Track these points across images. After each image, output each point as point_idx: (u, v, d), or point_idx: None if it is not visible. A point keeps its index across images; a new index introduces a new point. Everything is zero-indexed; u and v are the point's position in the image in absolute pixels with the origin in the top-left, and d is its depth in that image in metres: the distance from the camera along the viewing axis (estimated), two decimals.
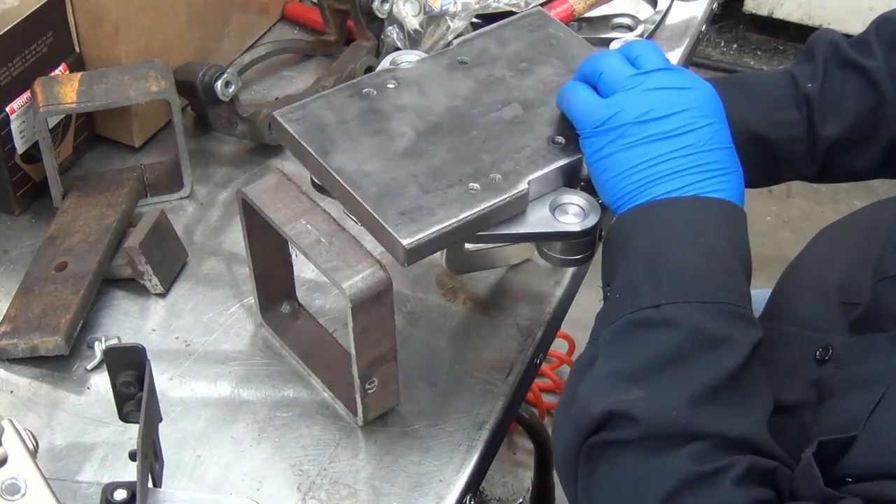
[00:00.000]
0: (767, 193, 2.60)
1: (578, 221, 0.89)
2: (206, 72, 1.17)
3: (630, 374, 0.77)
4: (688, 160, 0.83)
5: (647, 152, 0.84)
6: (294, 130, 0.92)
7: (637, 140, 0.84)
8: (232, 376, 0.99)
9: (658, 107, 0.84)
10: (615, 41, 1.32)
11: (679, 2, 1.45)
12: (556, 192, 0.90)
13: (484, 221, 0.87)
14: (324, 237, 0.87)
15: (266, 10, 1.40)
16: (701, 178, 0.83)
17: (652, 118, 0.84)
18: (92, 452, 0.92)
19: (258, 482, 0.91)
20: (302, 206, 0.89)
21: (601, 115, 0.85)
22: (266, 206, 0.89)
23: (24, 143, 1.12)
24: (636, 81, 0.86)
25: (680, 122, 0.84)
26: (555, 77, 0.98)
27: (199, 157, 1.21)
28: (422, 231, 0.84)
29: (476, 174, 0.89)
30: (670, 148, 0.83)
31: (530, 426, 1.97)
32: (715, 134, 0.85)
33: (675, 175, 0.83)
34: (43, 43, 1.11)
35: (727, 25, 3.26)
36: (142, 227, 1.05)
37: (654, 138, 0.84)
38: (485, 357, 1.01)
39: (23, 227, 1.14)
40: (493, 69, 0.99)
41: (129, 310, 1.05)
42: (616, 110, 0.85)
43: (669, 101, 0.85)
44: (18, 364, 0.99)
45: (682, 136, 0.84)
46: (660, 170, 0.83)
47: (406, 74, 0.97)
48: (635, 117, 0.84)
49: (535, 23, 1.04)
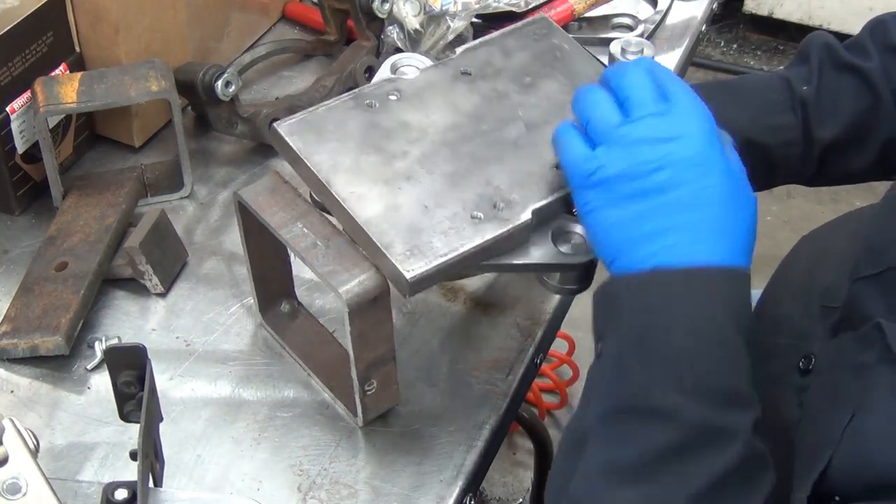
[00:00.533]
0: (767, 193, 2.58)
1: (580, 253, 0.87)
2: (206, 72, 1.17)
3: (623, 469, 0.73)
4: (675, 219, 0.77)
5: (632, 209, 0.78)
6: (295, 145, 0.89)
7: (621, 196, 0.79)
8: (232, 376, 0.99)
9: (643, 161, 0.78)
10: (615, 41, 1.32)
11: (679, 2, 1.45)
12: (556, 220, 0.89)
13: (487, 253, 0.85)
14: (320, 241, 0.86)
15: (266, 10, 1.40)
16: (691, 238, 0.77)
17: (636, 173, 0.78)
18: (92, 452, 0.92)
19: (258, 482, 0.91)
20: (298, 209, 0.89)
21: (586, 168, 0.80)
22: (262, 209, 0.89)
23: (24, 143, 1.12)
24: (622, 133, 0.80)
25: (665, 177, 0.78)
26: (559, 95, 0.96)
27: (199, 157, 1.21)
28: (425, 264, 0.82)
29: (479, 201, 0.87)
30: (655, 205, 0.78)
31: (530, 426, 1.97)
32: (707, 188, 0.78)
33: (662, 234, 0.77)
34: (43, 43, 1.11)
35: (727, 25, 3.26)
36: (142, 227, 1.05)
37: (638, 195, 0.78)
38: (485, 357, 1.01)
39: (23, 227, 1.14)
40: (496, 82, 0.96)
41: (130, 310, 1.05)
42: (599, 164, 0.80)
43: (655, 155, 0.78)
44: (19, 364, 0.99)
45: (668, 193, 0.77)
46: (645, 229, 0.78)
47: (408, 86, 0.95)
48: (619, 172, 0.79)
49: (539, 31, 1.02)
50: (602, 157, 0.80)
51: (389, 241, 0.83)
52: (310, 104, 1.25)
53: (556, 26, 1.03)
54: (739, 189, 0.80)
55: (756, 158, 1.01)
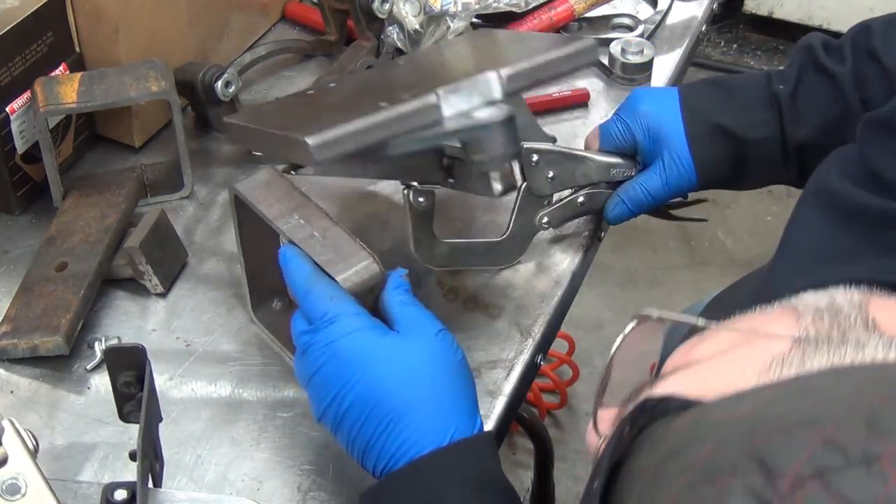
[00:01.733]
0: (767, 193, 2.60)
1: (497, 117, 0.88)
2: (206, 72, 1.17)
3: None
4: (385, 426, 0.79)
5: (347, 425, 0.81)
6: (237, 119, 0.95)
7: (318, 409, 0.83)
8: (232, 376, 0.99)
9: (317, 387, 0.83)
10: (615, 41, 1.33)
11: (679, 2, 1.45)
12: (472, 109, 0.88)
13: (395, 126, 0.85)
14: (317, 231, 0.87)
15: (266, 10, 1.40)
16: (413, 435, 0.79)
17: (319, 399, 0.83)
18: (92, 452, 0.92)
19: (258, 482, 0.91)
20: (294, 201, 0.89)
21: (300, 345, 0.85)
22: (258, 201, 0.90)
23: (24, 144, 1.12)
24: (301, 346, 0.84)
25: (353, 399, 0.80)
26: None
27: (199, 157, 1.21)
28: (327, 133, 0.82)
29: (389, 100, 0.87)
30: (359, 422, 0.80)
31: (530, 426, 1.97)
32: (365, 391, 0.80)
33: (386, 441, 0.79)
34: (43, 43, 1.11)
35: (727, 25, 3.26)
36: (142, 227, 1.05)
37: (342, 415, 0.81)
38: (485, 357, 1.01)
39: (23, 227, 1.14)
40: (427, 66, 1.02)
41: (130, 310, 1.05)
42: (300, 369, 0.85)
43: (326, 382, 0.82)
44: (18, 364, 0.99)
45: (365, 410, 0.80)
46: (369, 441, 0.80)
47: (348, 77, 0.99)
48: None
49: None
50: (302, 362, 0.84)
51: (295, 129, 0.85)
52: None
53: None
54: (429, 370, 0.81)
55: (736, 152, 1.04)
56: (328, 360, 0.81)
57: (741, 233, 2.58)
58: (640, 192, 1.06)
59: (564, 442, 2.20)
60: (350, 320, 0.82)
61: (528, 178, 1.02)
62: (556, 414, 2.25)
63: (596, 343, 2.38)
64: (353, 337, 0.81)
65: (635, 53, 1.31)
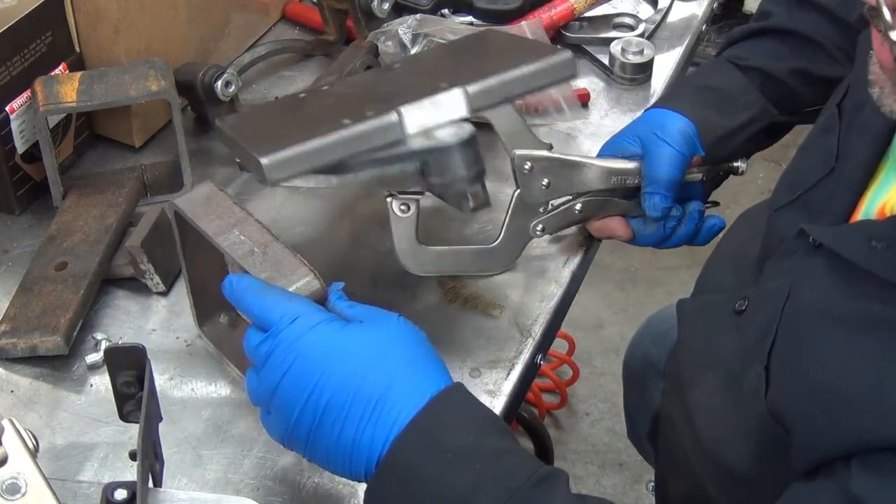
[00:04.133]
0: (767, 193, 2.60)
1: (452, 134, 0.87)
2: (206, 72, 1.17)
3: None
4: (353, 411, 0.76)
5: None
6: (225, 125, 0.94)
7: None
8: (232, 376, 0.99)
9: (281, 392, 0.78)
10: (615, 41, 1.33)
11: (679, 1, 1.45)
12: (438, 126, 0.88)
13: (355, 145, 0.84)
14: (257, 247, 0.85)
15: (266, 10, 1.40)
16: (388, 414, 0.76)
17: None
18: (92, 452, 0.92)
19: (258, 482, 0.91)
20: (234, 216, 0.88)
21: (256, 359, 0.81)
22: (198, 217, 0.88)
23: (24, 143, 1.12)
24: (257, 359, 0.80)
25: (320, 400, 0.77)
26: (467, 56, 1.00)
27: (199, 157, 1.21)
28: (282, 151, 0.82)
29: (353, 116, 0.86)
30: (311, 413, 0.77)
31: (530, 426, 1.97)
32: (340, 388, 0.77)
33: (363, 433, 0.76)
34: (42, 42, 1.11)
35: (727, 25, 3.26)
36: (143, 227, 1.05)
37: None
38: (485, 357, 1.00)
39: (23, 227, 1.14)
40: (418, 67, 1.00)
41: (130, 309, 1.05)
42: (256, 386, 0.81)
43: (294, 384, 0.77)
44: (18, 364, 0.99)
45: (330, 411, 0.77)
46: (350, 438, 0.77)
47: (341, 81, 0.98)
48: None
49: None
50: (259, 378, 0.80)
51: (256, 143, 0.85)
52: None
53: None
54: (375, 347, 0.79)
55: (725, 97, 1.12)
56: (296, 358, 0.77)
57: None
58: (659, 171, 1.05)
59: (564, 442, 2.20)
60: (312, 316, 0.79)
61: (521, 186, 1.01)
62: (556, 414, 2.25)
63: (596, 343, 2.37)
64: (318, 329, 0.78)
65: (635, 53, 1.31)
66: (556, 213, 1.05)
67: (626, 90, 1.32)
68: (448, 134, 0.87)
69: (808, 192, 0.93)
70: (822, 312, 0.80)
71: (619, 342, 2.37)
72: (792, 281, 0.86)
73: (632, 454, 2.16)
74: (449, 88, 0.88)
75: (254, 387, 0.81)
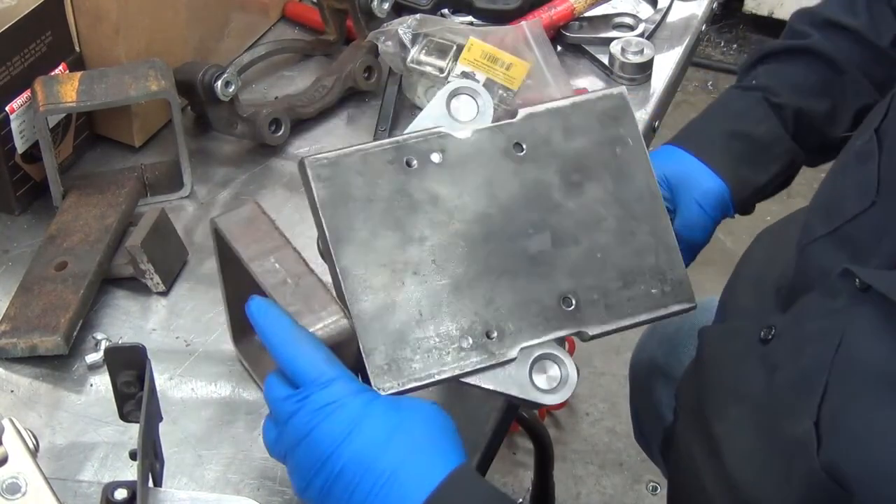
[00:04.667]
0: None
1: (551, 390, 0.85)
2: (206, 72, 1.17)
3: None
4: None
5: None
6: (318, 194, 0.83)
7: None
8: (232, 376, 0.99)
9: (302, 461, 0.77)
10: (615, 41, 1.33)
11: (679, 1, 1.45)
12: (540, 347, 0.86)
13: (463, 377, 0.84)
14: (290, 278, 0.83)
15: (266, 10, 1.40)
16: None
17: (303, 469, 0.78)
18: (92, 452, 0.92)
19: (258, 482, 0.91)
20: (273, 242, 0.86)
21: (284, 411, 0.79)
22: (236, 238, 0.86)
23: (24, 143, 1.12)
24: (290, 409, 0.78)
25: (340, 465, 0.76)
26: (600, 207, 0.89)
27: (199, 156, 1.21)
28: (398, 385, 0.81)
29: (473, 324, 0.83)
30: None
31: (530, 426, 1.97)
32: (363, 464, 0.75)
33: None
34: (42, 42, 1.11)
35: (727, 25, 3.26)
36: (143, 226, 1.05)
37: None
38: None
39: (23, 227, 1.14)
40: (545, 171, 0.89)
41: (130, 309, 1.05)
42: (277, 447, 0.80)
43: (313, 453, 0.77)
44: (18, 363, 0.99)
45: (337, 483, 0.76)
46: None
47: (455, 149, 0.87)
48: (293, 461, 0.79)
49: (610, 113, 0.92)
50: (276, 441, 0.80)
51: (372, 348, 0.81)
52: (309, 104, 1.26)
53: (630, 109, 0.93)
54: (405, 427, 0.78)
55: (752, 145, 1.09)
56: (319, 423, 0.76)
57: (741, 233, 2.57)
58: (691, 235, 1.06)
59: (564, 442, 2.20)
60: (344, 384, 0.77)
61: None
62: (556, 414, 2.25)
63: (596, 343, 2.36)
64: (347, 399, 0.76)
65: (635, 53, 1.31)
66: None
67: (626, 90, 1.31)
68: (550, 398, 0.85)
69: (847, 224, 0.88)
70: (879, 374, 0.75)
71: (619, 342, 2.37)
72: (842, 328, 0.80)
73: (632, 454, 2.16)
74: (572, 327, 0.87)
75: (272, 440, 0.80)
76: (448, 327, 0.83)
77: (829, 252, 0.89)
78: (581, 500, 2.12)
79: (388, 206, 0.84)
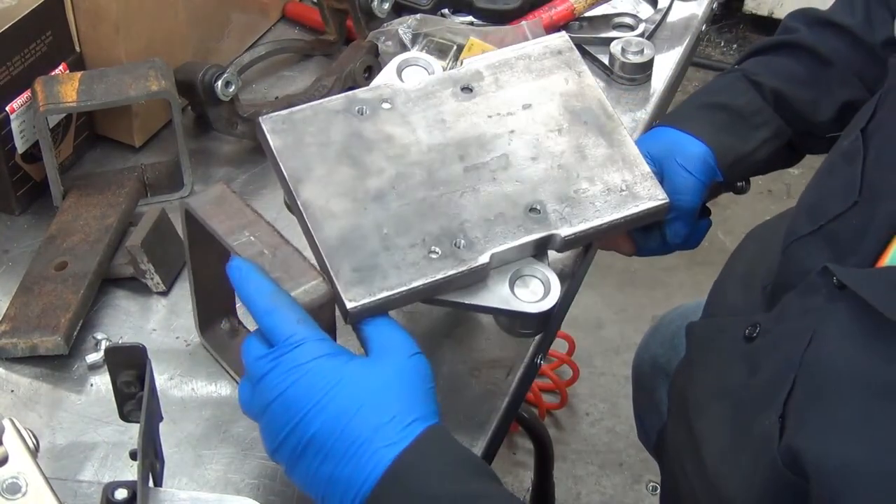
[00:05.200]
0: (767, 194, 2.60)
1: (535, 301, 0.85)
2: (206, 72, 1.17)
3: None
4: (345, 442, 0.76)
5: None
6: (274, 144, 0.88)
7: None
8: (232, 376, 0.99)
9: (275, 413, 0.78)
10: (615, 41, 1.33)
11: (679, 1, 1.45)
12: (519, 263, 0.87)
13: (438, 289, 0.84)
14: (267, 249, 0.85)
15: (266, 10, 1.40)
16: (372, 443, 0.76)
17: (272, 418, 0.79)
18: (92, 452, 0.92)
19: (258, 482, 0.91)
20: (245, 218, 0.87)
21: (255, 373, 0.80)
22: (209, 217, 0.87)
23: (24, 143, 1.12)
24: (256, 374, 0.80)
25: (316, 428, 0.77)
26: (554, 128, 0.92)
27: (199, 156, 1.21)
28: (369, 296, 0.81)
29: (440, 235, 0.85)
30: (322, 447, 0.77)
31: (530, 426, 1.97)
32: (333, 417, 0.76)
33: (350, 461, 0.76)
34: (42, 42, 1.11)
35: (727, 25, 3.26)
36: (143, 226, 1.05)
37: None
38: (485, 357, 1.01)
39: (23, 227, 1.14)
40: (495, 104, 0.93)
41: (130, 309, 1.05)
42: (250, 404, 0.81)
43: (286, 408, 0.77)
44: (19, 363, 0.99)
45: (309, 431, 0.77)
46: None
47: (404, 96, 0.91)
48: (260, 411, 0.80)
49: (555, 52, 0.97)
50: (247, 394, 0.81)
51: (339, 265, 0.82)
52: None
53: (574, 48, 0.98)
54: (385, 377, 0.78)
55: (735, 117, 1.10)
56: (292, 385, 0.77)
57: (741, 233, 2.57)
58: (682, 199, 1.05)
59: (564, 442, 2.20)
60: (317, 345, 0.78)
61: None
62: (556, 414, 2.25)
63: (596, 343, 2.38)
64: (319, 362, 0.77)
65: (635, 53, 1.31)
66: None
67: (626, 90, 1.32)
68: (534, 306, 0.85)
69: (831, 223, 0.89)
70: (843, 371, 0.77)
71: (619, 342, 2.37)
72: (814, 325, 0.82)
73: (632, 454, 2.16)
74: (543, 230, 0.87)
75: (247, 398, 0.81)
76: (415, 241, 0.84)
77: (812, 251, 0.90)
78: (581, 500, 2.12)
79: (343, 147, 0.88)
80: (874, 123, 0.91)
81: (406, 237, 0.84)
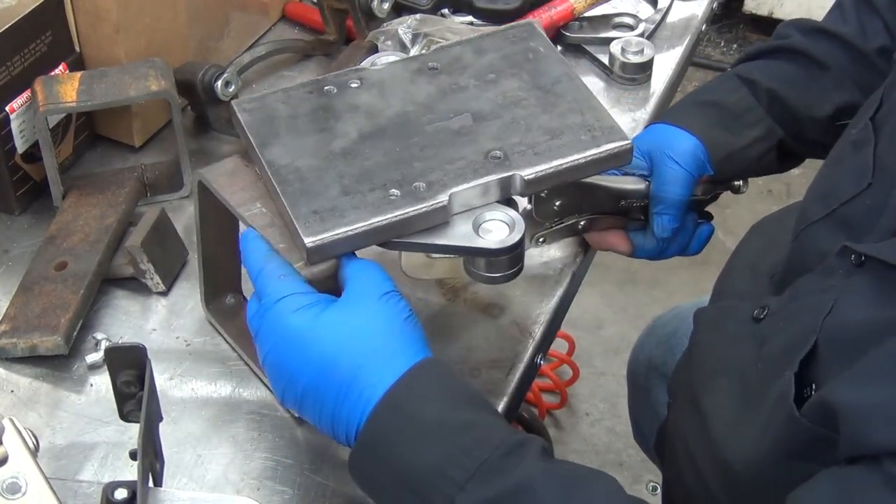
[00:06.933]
0: (767, 194, 2.60)
1: (499, 239, 0.86)
2: (206, 72, 1.17)
3: None
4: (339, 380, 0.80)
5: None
6: (244, 120, 0.91)
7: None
8: (232, 376, 0.99)
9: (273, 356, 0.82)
10: (615, 41, 1.33)
11: (679, 1, 1.45)
12: (485, 208, 0.88)
13: (399, 229, 0.85)
14: (277, 220, 0.87)
15: (266, 10, 1.40)
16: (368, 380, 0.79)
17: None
18: (92, 452, 0.92)
19: (258, 482, 0.91)
20: (257, 190, 0.90)
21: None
22: (223, 188, 0.90)
23: (24, 143, 1.12)
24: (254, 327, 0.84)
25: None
26: (518, 91, 0.94)
27: (199, 156, 1.21)
28: (327, 231, 0.83)
29: (401, 181, 0.86)
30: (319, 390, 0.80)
31: (530, 426, 1.97)
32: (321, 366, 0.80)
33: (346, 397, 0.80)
34: (42, 42, 1.11)
35: (727, 25, 3.26)
36: (143, 226, 1.05)
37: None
38: (485, 357, 1.01)
39: (23, 227, 1.14)
40: (459, 78, 0.96)
41: (130, 309, 1.05)
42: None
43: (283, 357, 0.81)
44: (19, 363, 0.99)
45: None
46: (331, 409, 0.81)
47: (371, 75, 0.95)
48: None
49: (519, 35, 1.00)
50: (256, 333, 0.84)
51: (299, 209, 0.84)
52: None
53: (540, 31, 1.01)
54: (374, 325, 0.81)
55: (726, 114, 1.11)
56: (275, 342, 0.81)
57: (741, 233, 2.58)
58: (669, 191, 1.05)
59: (564, 442, 2.20)
60: (295, 299, 0.81)
61: (535, 208, 1.01)
62: (556, 414, 2.25)
63: (596, 343, 2.38)
64: (296, 315, 0.81)
65: (635, 53, 1.31)
66: (560, 227, 1.04)
67: (626, 90, 1.32)
68: (496, 242, 0.86)
69: (844, 206, 0.91)
70: (867, 326, 0.78)
71: (619, 342, 2.37)
72: (834, 297, 0.83)
73: (632, 454, 2.16)
74: (502, 172, 0.87)
75: (258, 354, 0.85)
76: (376, 186, 0.86)
77: (826, 234, 0.91)
78: None
79: (311, 117, 0.92)
80: (883, 111, 0.92)
81: (367, 183, 0.87)
